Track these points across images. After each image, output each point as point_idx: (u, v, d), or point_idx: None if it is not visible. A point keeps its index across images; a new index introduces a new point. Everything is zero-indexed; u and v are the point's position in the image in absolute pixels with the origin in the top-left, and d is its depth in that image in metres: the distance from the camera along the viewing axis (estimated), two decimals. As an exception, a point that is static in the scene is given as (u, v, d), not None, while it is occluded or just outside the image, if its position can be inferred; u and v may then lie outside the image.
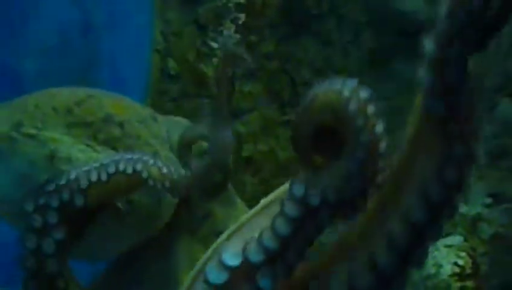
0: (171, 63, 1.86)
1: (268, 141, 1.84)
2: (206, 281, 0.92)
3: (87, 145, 1.19)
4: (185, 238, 1.25)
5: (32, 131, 1.18)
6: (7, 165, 1.20)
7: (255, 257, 0.93)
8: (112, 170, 1.06)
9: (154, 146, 1.23)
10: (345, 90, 0.95)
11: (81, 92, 1.24)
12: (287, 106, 1.84)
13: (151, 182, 1.06)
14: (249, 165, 1.86)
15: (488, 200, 1.75)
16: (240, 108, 1.84)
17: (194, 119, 1.59)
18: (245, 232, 0.97)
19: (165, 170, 1.08)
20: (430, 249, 1.66)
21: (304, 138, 0.96)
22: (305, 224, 0.94)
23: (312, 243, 0.96)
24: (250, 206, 1.24)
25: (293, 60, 1.84)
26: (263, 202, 1.01)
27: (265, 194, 1.83)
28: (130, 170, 1.06)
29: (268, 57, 1.84)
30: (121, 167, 1.06)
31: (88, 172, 1.06)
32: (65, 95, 1.23)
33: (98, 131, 1.20)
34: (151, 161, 1.07)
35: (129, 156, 1.08)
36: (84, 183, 1.06)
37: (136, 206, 1.20)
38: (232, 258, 0.93)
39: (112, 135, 1.21)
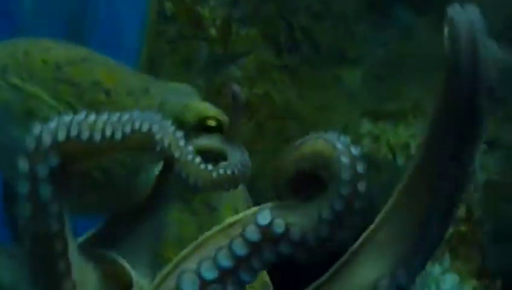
0: (168, 5, 1.85)
1: (264, 85, 1.83)
2: None
3: (70, 105, 1.16)
4: (176, 207, 1.23)
5: (17, 81, 1.16)
6: None
7: (209, 274, 0.97)
8: (128, 129, 1.02)
9: None
10: (339, 144, 1.01)
11: (75, 53, 1.20)
12: (283, 50, 1.83)
13: (160, 146, 1.02)
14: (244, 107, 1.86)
15: (483, 147, 1.76)
16: (236, 52, 1.83)
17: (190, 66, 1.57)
18: (204, 250, 1.01)
19: (181, 142, 1.04)
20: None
21: (284, 180, 1.00)
22: (263, 249, 0.98)
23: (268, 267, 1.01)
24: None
25: (289, 4, 1.83)
26: (227, 221, 1.04)
27: (262, 137, 1.84)
28: (144, 129, 1.01)
29: (264, 1, 1.83)
30: (137, 125, 1.02)
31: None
32: (58, 50, 1.19)
33: (84, 92, 1.17)
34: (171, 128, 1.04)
35: (143, 115, 1.04)
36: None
37: (113, 177, 1.17)
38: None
39: (97, 100, 1.17)
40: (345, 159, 1.00)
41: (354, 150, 1.02)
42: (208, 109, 1.21)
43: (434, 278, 1.65)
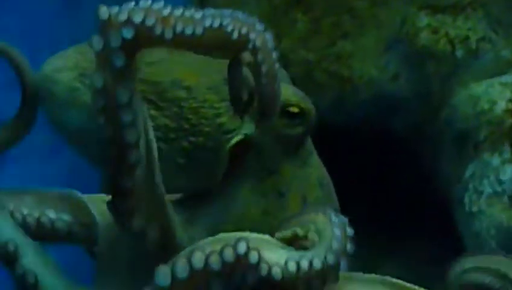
0: None
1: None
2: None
3: (151, 102, 1.17)
4: (246, 187, 1.22)
5: None
6: (66, 117, 1.20)
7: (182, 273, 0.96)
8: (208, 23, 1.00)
9: (219, 109, 1.20)
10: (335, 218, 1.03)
11: (152, 54, 1.20)
12: None
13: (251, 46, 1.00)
14: (300, 3, 1.85)
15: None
16: None
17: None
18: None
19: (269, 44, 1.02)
20: (484, 86, 1.67)
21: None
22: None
23: None
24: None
25: None
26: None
27: (317, 33, 1.83)
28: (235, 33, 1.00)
29: None
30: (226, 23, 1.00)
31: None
32: None
33: (165, 90, 1.18)
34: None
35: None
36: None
37: (194, 159, 1.19)
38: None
39: (177, 96, 1.19)
40: (338, 232, 1.01)
41: (349, 231, 1.03)
42: (292, 96, 1.22)
43: (493, 168, 1.62)
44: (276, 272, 0.96)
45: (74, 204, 1.19)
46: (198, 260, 0.94)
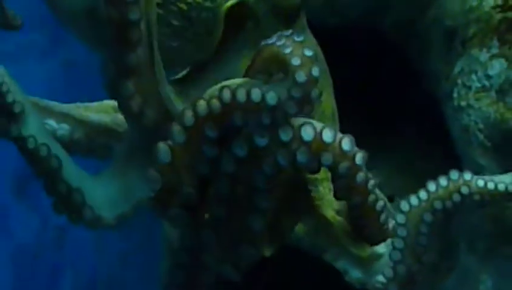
0: None
1: None
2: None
3: None
4: (244, 56, 1.21)
5: None
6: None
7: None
8: None
9: None
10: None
11: None
12: None
13: None
14: None
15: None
16: None
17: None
18: None
19: None
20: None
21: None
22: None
23: None
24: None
25: None
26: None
27: None
28: None
29: None
30: None
31: None
32: None
33: None
34: None
35: None
36: None
37: (193, 21, 1.18)
38: None
39: None
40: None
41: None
42: None
43: (481, 64, 1.65)
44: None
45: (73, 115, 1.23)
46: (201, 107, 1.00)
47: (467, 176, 1.13)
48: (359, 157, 1.02)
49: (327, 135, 1.01)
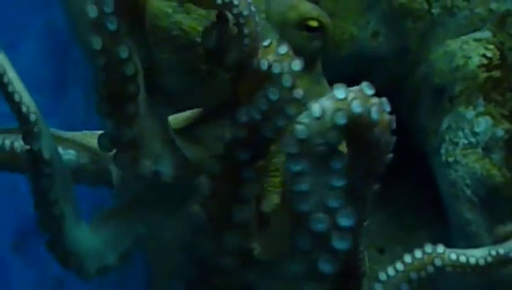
0: None
1: None
2: None
3: None
4: None
5: None
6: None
7: None
8: None
9: None
10: None
11: None
12: None
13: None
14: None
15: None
16: None
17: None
18: None
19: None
20: (460, 43, 1.72)
21: None
22: None
23: None
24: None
25: None
26: None
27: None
28: None
29: None
30: None
31: None
32: None
33: None
34: None
35: None
36: None
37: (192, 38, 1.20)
38: None
39: None
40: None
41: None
42: (311, 10, 1.25)
43: (468, 121, 1.69)
44: None
45: (79, 142, 1.26)
46: None
47: (440, 249, 1.20)
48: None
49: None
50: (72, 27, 1.82)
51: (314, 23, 1.23)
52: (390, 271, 1.19)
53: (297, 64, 1.09)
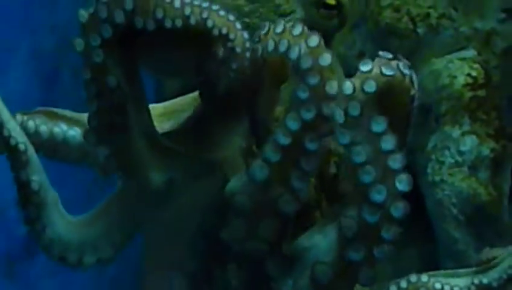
0: None
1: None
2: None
3: None
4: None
5: None
6: None
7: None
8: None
9: None
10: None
11: None
12: None
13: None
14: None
15: (502, 15, 1.80)
16: None
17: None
18: None
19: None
20: (445, 61, 1.73)
21: None
22: None
23: None
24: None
25: None
26: None
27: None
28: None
29: None
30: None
31: None
32: None
33: None
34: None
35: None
36: None
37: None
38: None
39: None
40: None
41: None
42: None
43: (454, 140, 1.70)
44: None
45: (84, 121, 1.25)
46: None
47: (424, 278, 1.21)
48: None
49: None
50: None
51: (332, 1, 1.21)
52: None
53: (314, 40, 1.07)
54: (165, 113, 1.23)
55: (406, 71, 1.10)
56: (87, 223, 1.18)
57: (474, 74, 1.73)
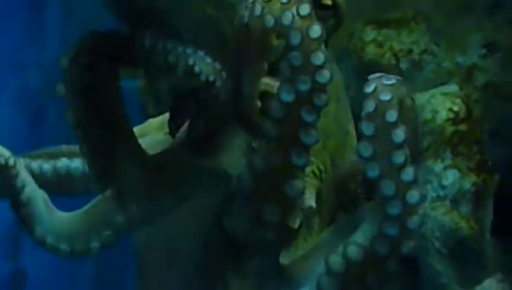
0: None
1: None
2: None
3: None
4: None
5: None
6: None
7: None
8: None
9: None
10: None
11: None
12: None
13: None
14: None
15: (483, 51, 1.83)
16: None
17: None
18: None
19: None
20: (427, 96, 1.75)
21: None
22: None
23: None
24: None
25: None
26: None
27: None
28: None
29: None
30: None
31: None
32: None
33: None
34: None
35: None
36: None
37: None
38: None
39: None
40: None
41: None
42: None
43: (436, 174, 1.72)
44: None
45: None
46: None
47: None
48: None
49: None
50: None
51: (328, 2, 1.22)
52: None
53: (316, 31, 1.04)
54: (162, 126, 1.25)
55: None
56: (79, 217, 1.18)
57: (455, 108, 1.75)
